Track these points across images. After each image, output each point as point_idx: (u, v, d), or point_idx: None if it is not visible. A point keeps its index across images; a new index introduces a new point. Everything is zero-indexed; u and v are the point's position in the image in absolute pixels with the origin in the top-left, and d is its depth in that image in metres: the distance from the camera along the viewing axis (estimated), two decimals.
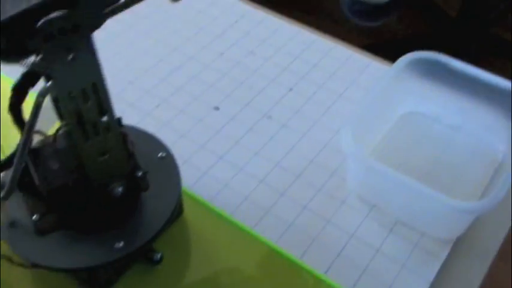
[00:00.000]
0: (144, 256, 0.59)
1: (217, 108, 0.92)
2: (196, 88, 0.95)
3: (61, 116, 0.52)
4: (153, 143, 0.64)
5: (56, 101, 0.50)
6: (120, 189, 0.52)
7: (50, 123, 0.55)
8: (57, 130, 0.52)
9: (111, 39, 1.04)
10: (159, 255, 0.60)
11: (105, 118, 0.47)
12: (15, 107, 0.50)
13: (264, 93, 0.95)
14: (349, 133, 0.67)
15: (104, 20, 0.45)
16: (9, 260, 0.51)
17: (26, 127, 0.46)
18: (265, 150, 0.81)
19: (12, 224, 0.51)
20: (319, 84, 0.99)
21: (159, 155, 0.63)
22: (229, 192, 0.71)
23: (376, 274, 0.61)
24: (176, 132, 0.87)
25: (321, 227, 0.67)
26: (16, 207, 0.53)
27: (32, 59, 0.42)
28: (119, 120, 0.52)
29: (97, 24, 0.44)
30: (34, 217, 0.51)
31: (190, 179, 0.72)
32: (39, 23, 0.39)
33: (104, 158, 0.48)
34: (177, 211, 0.65)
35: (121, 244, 0.52)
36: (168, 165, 0.63)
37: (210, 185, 0.71)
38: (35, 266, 0.52)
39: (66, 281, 0.56)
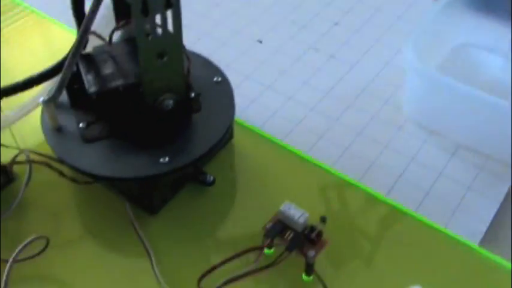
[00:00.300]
0: (196, 179, 0.57)
1: (260, 42, 0.88)
2: (237, 23, 0.92)
3: (119, 16, 0.49)
4: (209, 66, 0.61)
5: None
6: (170, 102, 0.49)
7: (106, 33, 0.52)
8: (113, 31, 0.49)
9: None
10: (211, 178, 0.57)
11: (169, 12, 0.43)
12: None
13: (308, 27, 0.92)
14: (411, 50, 0.63)
15: None
16: (61, 173, 0.49)
17: (84, 20, 0.43)
18: (315, 80, 0.78)
19: (59, 130, 0.49)
20: (365, 19, 0.95)
21: (215, 79, 0.61)
22: (279, 119, 0.68)
23: (440, 196, 0.58)
24: (219, 63, 0.84)
25: (378, 152, 0.64)
26: (64, 115, 0.51)
27: None
28: None
29: None
30: (81, 125, 0.49)
31: (238, 107, 0.69)
32: None
33: (161, 61, 0.45)
34: (228, 136, 0.62)
35: (166, 159, 0.50)
36: (223, 90, 0.60)
37: (259, 113, 0.68)
38: (87, 182, 0.50)
39: (117, 201, 0.54)
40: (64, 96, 0.52)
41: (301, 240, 0.44)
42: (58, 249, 0.49)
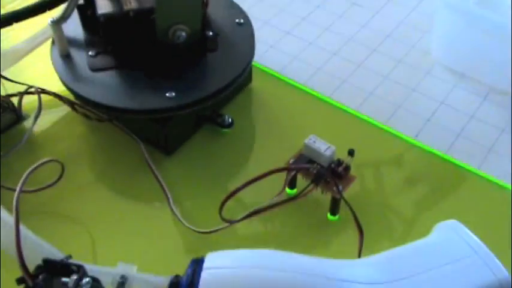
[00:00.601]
0: (214, 121, 0.55)
1: None
2: None
3: None
4: (232, 7, 0.58)
5: None
6: (183, 34, 0.47)
7: None
8: None
9: None
10: (229, 119, 0.54)
11: None
12: None
13: None
14: None
15: None
16: (73, 107, 0.47)
17: None
18: (336, 26, 0.74)
19: (67, 56, 0.47)
20: None
21: (237, 20, 0.58)
22: (299, 64, 0.65)
23: (472, 138, 0.55)
24: None
25: (405, 96, 0.61)
26: (76, 48, 0.48)
27: None
28: None
29: None
30: (90, 53, 0.47)
31: (256, 52, 0.66)
32: None
33: None
34: (245, 79, 0.59)
35: (172, 94, 0.48)
36: (244, 31, 0.57)
37: (278, 58, 0.65)
38: (99, 119, 0.48)
39: (132, 143, 0.52)
40: (79, 33, 0.50)
41: (327, 175, 0.40)
42: (72, 188, 0.48)
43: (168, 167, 0.53)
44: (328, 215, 0.43)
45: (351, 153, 0.41)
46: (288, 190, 0.43)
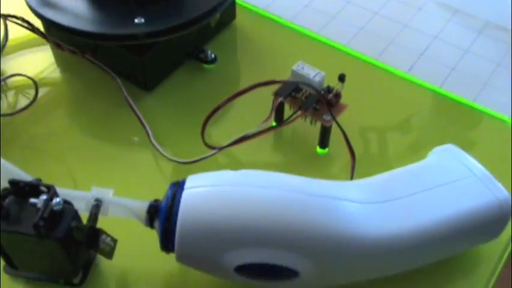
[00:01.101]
0: (196, 57, 0.52)
1: None
2: None
3: None
4: None
5: None
6: None
7: None
8: None
9: None
10: (212, 55, 0.52)
11: None
12: None
13: None
14: None
15: None
16: (44, 36, 0.44)
17: None
18: None
19: None
20: None
21: None
22: (285, 1, 0.62)
23: (467, 72, 0.53)
24: None
25: (397, 31, 0.58)
26: None
27: None
28: None
29: None
30: None
31: None
32: None
33: None
34: (228, 16, 0.56)
35: (142, 20, 0.45)
36: None
37: None
38: (71, 51, 0.45)
39: (111, 79, 0.49)
40: None
41: (317, 97, 0.38)
42: (46, 123, 0.45)
43: (148, 102, 0.51)
44: (318, 148, 0.41)
45: (341, 78, 0.39)
46: (273, 123, 0.41)
